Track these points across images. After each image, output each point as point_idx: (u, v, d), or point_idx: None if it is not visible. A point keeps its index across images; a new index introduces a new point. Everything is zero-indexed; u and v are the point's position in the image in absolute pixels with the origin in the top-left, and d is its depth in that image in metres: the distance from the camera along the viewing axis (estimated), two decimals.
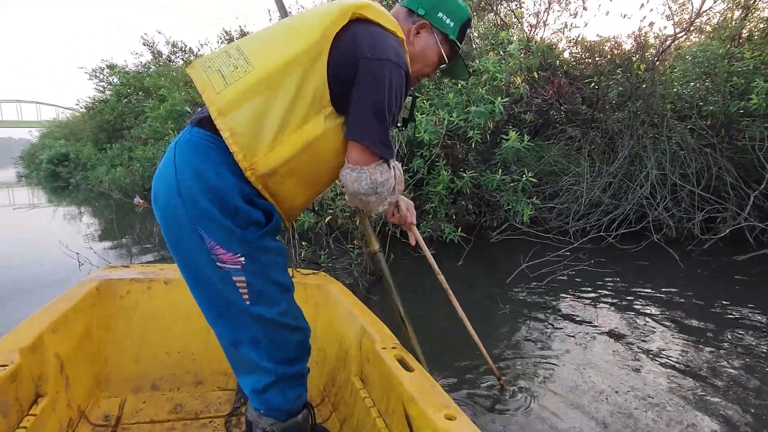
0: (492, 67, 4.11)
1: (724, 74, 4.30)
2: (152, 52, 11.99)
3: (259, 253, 1.05)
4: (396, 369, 1.22)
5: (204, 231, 1.00)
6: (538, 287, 3.21)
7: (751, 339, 2.42)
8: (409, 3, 1.18)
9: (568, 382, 2.07)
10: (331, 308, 1.80)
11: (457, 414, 1.01)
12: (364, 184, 1.07)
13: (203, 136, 1.02)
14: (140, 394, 1.63)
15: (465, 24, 1.20)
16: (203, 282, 1.06)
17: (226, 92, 0.98)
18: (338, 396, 1.60)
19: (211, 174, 0.99)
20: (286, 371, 1.13)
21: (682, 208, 4.18)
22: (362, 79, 1.00)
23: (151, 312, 1.71)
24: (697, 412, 1.84)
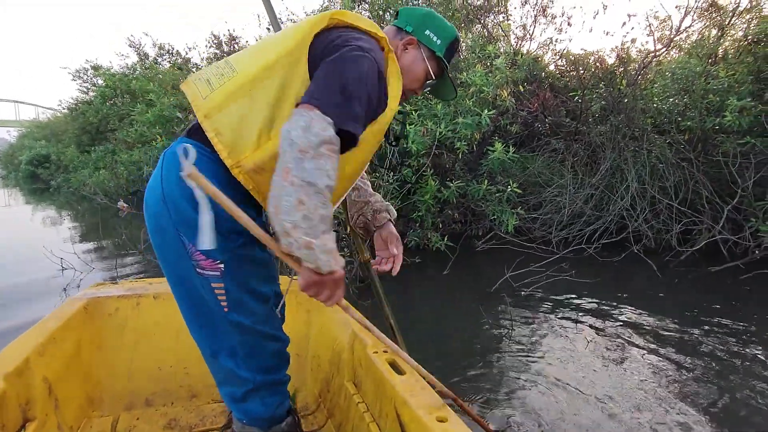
0: (479, 80, 4.22)
1: (701, 91, 4.47)
2: (138, 53, 11.89)
3: (240, 261, 1.06)
4: (387, 373, 1.24)
5: (186, 237, 1.01)
6: (522, 296, 3.28)
7: (724, 345, 2.53)
8: (398, 22, 1.21)
9: (551, 389, 2.13)
10: (324, 314, 1.80)
11: (449, 416, 1.03)
12: (298, 126, 0.86)
13: (192, 146, 1.04)
14: (133, 411, 1.62)
15: (452, 43, 1.21)
16: (185, 288, 1.07)
17: (211, 96, 1.02)
18: (333, 402, 1.61)
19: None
20: (264, 379, 1.14)
21: (661, 220, 4.32)
22: (328, 60, 0.97)
23: (142, 328, 1.70)
24: (676, 416, 1.92)
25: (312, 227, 0.85)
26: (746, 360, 2.40)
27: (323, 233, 0.87)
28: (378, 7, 6.07)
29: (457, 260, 4.00)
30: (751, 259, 3.62)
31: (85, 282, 3.80)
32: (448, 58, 1.22)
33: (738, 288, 3.40)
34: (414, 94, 1.26)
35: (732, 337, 2.65)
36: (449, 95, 1.30)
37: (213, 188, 0.89)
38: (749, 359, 2.41)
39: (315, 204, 0.85)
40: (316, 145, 0.85)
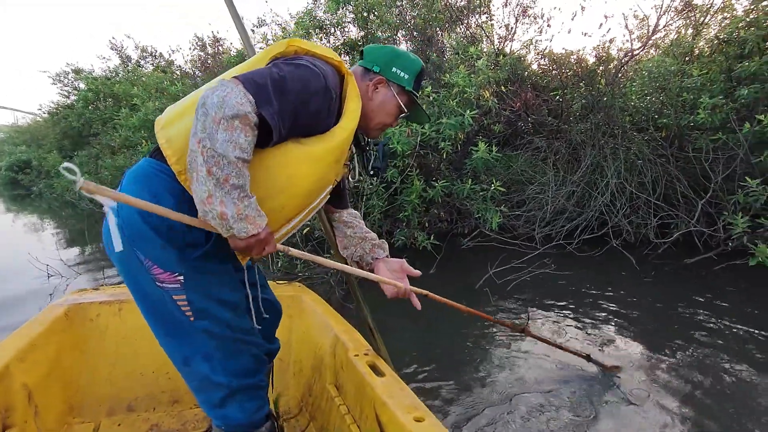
0: (462, 81, 4.30)
1: (676, 89, 4.62)
2: (121, 56, 11.74)
3: (199, 272, 1.07)
4: (368, 375, 1.28)
5: (141, 252, 1.03)
6: (506, 292, 3.37)
7: (700, 334, 2.64)
8: (364, 62, 1.25)
9: (531, 381, 2.21)
10: (305, 319, 1.83)
11: (426, 416, 1.07)
12: (216, 95, 0.87)
13: (150, 164, 1.07)
14: (115, 417, 1.62)
15: (419, 74, 1.27)
16: (148, 302, 1.09)
17: (171, 111, 1.10)
18: (315, 405, 1.63)
19: (146, 197, 1.00)
20: (240, 384, 1.15)
21: (639, 215, 4.45)
22: (269, 64, 1.03)
23: (123, 334, 1.70)
24: (653, 406, 2.01)
25: (225, 195, 0.89)
26: (719, 345, 2.52)
27: (237, 200, 0.91)
28: (362, 8, 6.13)
29: (443, 258, 4.07)
30: (723, 251, 3.76)
31: (71, 288, 3.78)
32: (417, 88, 1.28)
33: (712, 278, 3.54)
34: (390, 126, 1.33)
35: (707, 324, 2.78)
36: (422, 120, 1.38)
37: (115, 193, 0.90)
38: (722, 345, 2.52)
39: (226, 174, 0.88)
40: (229, 117, 0.86)
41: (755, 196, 3.43)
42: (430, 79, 5.27)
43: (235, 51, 8.67)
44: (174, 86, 7.13)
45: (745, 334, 2.65)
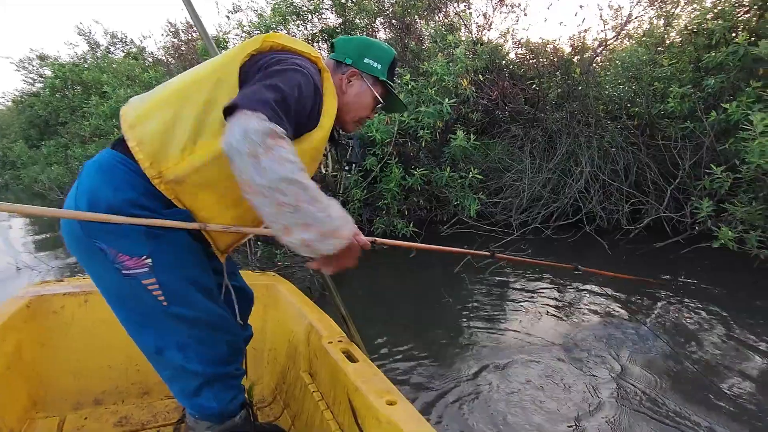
0: (440, 69, 4.31)
1: (648, 79, 4.74)
2: (89, 42, 11.32)
3: (169, 248, 1.03)
4: (341, 361, 1.28)
5: (102, 242, 0.99)
6: (483, 276, 3.44)
7: (666, 313, 2.77)
8: (335, 55, 1.22)
9: (507, 365, 2.28)
10: (279, 308, 1.82)
11: (398, 399, 1.08)
12: (236, 133, 0.82)
13: (112, 156, 1.03)
14: (82, 411, 1.58)
15: (392, 63, 1.25)
16: (115, 294, 1.05)
17: (139, 107, 1.04)
18: (289, 393, 1.63)
19: (107, 189, 0.98)
20: (216, 372, 1.12)
21: (612, 201, 4.58)
22: (261, 73, 0.98)
23: (90, 326, 1.64)
24: (624, 381, 2.10)
25: (305, 215, 0.84)
26: (684, 320, 2.65)
27: (318, 212, 0.85)
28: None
29: None
30: (690, 235, 3.92)
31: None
32: (390, 78, 1.26)
33: (679, 261, 3.69)
34: (368, 119, 1.30)
35: (673, 303, 2.91)
36: (399, 109, 1.35)
37: (54, 211, 0.92)
38: (687, 320, 2.65)
39: (295, 193, 0.82)
40: (261, 142, 0.80)
41: (719, 182, 3.57)
42: (409, 67, 5.27)
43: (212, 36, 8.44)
44: (146, 73, 6.92)
45: (708, 311, 2.79)
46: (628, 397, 1.98)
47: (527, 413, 1.89)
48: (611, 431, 1.78)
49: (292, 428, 1.51)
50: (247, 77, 1.00)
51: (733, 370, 2.19)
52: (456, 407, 1.92)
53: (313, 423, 1.38)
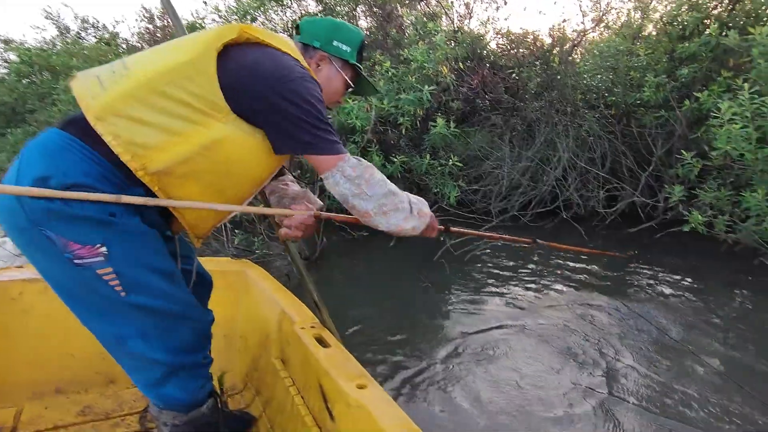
0: (420, 57, 4.29)
1: (625, 68, 4.82)
2: (58, 27, 10.86)
3: (125, 235, 0.98)
4: (313, 347, 1.28)
5: (50, 230, 0.92)
6: (463, 262, 3.47)
7: (638, 293, 2.84)
8: (303, 38, 1.20)
9: (482, 349, 2.31)
10: (251, 294, 1.80)
11: (369, 383, 1.09)
12: (342, 186, 1.08)
13: (61, 137, 0.96)
14: (41, 401, 1.54)
15: (361, 46, 1.24)
16: (67, 285, 0.99)
17: (102, 97, 0.96)
18: (261, 380, 1.62)
19: (56, 173, 0.92)
20: (182, 361, 1.08)
21: (589, 188, 4.66)
22: (283, 101, 1.00)
23: (51, 313, 1.58)
24: (602, 361, 2.15)
25: (405, 209, 1.15)
26: (655, 301, 2.76)
27: (407, 205, 1.16)
28: None
29: None
30: (663, 220, 4.02)
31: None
32: (360, 60, 1.26)
33: (652, 245, 3.80)
34: (338, 104, 1.32)
35: (645, 285, 3.00)
36: (370, 92, 1.37)
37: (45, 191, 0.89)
38: (658, 301, 2.76)
39: (393, 202, 1.13)
40: (360, 182, 1.09)
41: (690, 167, 3.67)
42: (390, 54, 5.22)
43: (186, 23, 8.22)
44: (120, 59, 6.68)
45: (677, 292, 2.88)
46: (607, 377, 2.03)
47: (501, 395, 1.92)
48: (589, 410, 1.83)
49: (263, 415, 1.51)
50: (239, 87, 1.01)
51: (703, 346, 2.27)
52: (428, 390, 1.95)
53: (284, 409, 1.39)
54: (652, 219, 4.15)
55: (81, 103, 0.97)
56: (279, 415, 1.42)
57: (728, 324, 2.49)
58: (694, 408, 1.83)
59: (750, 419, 1.76)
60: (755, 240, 3.15)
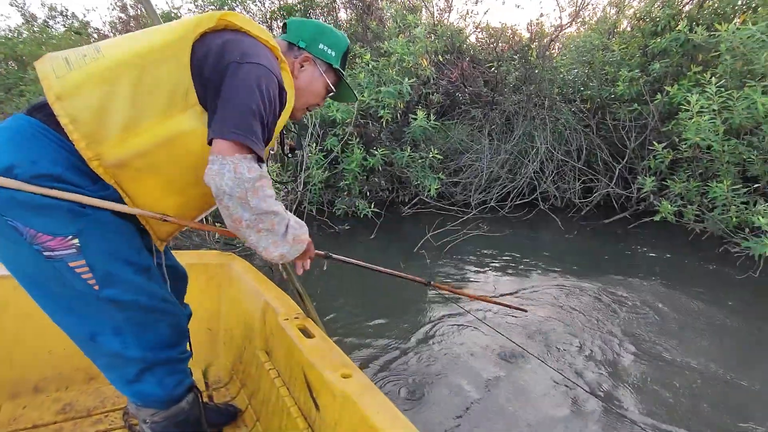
0: (400, 49, 4.29)
1: (600, 63, 4.93)
2: (23, 14, 10.43)
3: (98, 228, 0.94)
4: (297, 338, 1.27)
5: (19, 221, 0.88)
6: (443, 253, 3.52)
7: (612, 280, 2.95)
8: (288, 36, 1.16)
9: (459, 336, 2.36)
10: (235, 287, 1.79)
11: (353, 372, 1.09)
12: (227, 178, 0.91)
13: (29, 123, 0.91)
14: (19, 399, 1.50)
15: (345, 52, 1.22)
16: (35, 278, 0.94)
17: (68, 76, 0.91)
18: (246, 372, 1.62)
19: (24, 162, 0.88)
20: (158, 357, 1.05)
21: (566, 180, 4.78)
22: (229, 81, 0.93)
23: (26, 311, 1.53)
24: (577, 345, 2.22)
25: (280, 233, 1.01)
26: (627, 286, 2.87)
27: (287, 229, 1.03)
28: None
29: (383, 225, 4.15)
30: (636, 210, 4.16)
31: None
32: (343, 66, 1.23)
33: (626, 235, 3.93)
34: (317, 107, 1.25)
35: (618, 272, 3.11)
36: (349, 98, 1.32)
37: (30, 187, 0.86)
38: (630, 286, 2.87)
39: (270, 221, 0.98)
40: (251, 188, 0.92)
41: (661, 158, 3.80)
42: (370, 47, 5.21)
43: (160, 12, 8.01)
44: None
45: (649, 279, 2.99)
46: (579, 363, 2.10)
47: (479, 382, 1.97)
48: (562, 400, 1.89)
49: (249, 407, 1.50)
50: (202, 64, 0.94)
51: (672, 333, 2.37)
52: (410, 378, 1.98)
53: (270, 400, 1.38)
54: (626, 210, 4.29)
55: (43, 83, 0.91)
56: (264, 407, 1.42)
57: (693, 313, 2.60)
58: (661, 399, 1.92)
59: (724, 402, 1.86)
60: (720, 229, 3.30)
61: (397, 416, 0.96)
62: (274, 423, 1.34)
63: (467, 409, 1.80)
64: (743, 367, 2.06)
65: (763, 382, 1.96)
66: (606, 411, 1.79)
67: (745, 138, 3.24)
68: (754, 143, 3.18)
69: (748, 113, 3.04)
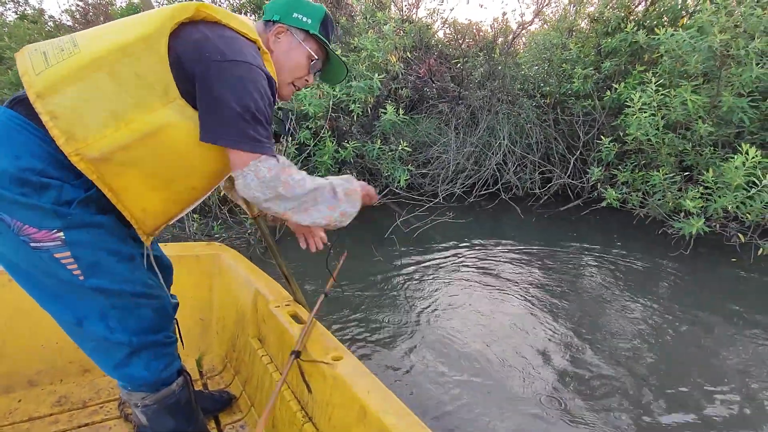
0: (370, 45, 4.46)
1: (558, 61, 5.25)
2: None
3: (82, 225, 0.95)
4: (289, 324, 1.31)
5: (5, 213, 0.90)
6: (413, 239, 3.77)
7: (564, 259, 3.26)
8: (264, 16, 1.16)
9: (432, 315, 2.59)
10: (225, 276, 1.81)
11: (344, 354, 1.12)
12: (254, 187, 0.99)
13: (10, 117, 0.93)
14: (14, 394, 1.51)
15: (324, 19, 1.17)
16: (23, 268, 0.96)
17: (46, 73, 0.91)
18: (239, 360, 1.65)
19: (5, 156, 0.90)
20: (143, 341, 1.06)
21: (526, 172, 5.10)
22: (218, 83, 0.94)
23: (18, 305, 1.55)
24: (536, 329, 2.49)
25: (328, 197, 1.09)
26: (576, 265, 3.17)
27: (333, 198, 1.10)
28: None
29: None
30: (588, 198, 4.52)
31: None
32: (325, 34, 1.18)
33: (578, 220, 4.28)
34: (306, 83, 1.21)
35: (572, 253, 3.43)
36: (340, 74, 1.26)
37: None
38: (579, 266, 3.17)
39: (314, 197, 1.07)
40: (279, 184, 1.01)
41: (607, 151, 4.15)
42: (340, 42, 5.35)
43: (123, 2, 7.84)
44: None
45: (597, 256, 3.32)
46: (543, 344, 2.37)
47: (468, 362, 2.15)
48: (546, 385, 2.14)
49: (243, 393, 1.54)
50: (182, 59, 0.94)
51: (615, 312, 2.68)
52: (404, 360, 2.14)
53: (263, 385, 1.42)
54: (580, 198, 4.64)
55: (23, 79, 0.92)
56: (258, 392, 1.45)
57: (634, 282, 2.94)
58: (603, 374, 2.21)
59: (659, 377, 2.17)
60: (660, 213, 3.66)
61: (389, 396, 0.98)
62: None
63: (451, 388, 1.94)
64: (674, 324, 2.40)
65: (689, 335, 2.29)
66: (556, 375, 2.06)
67: (680, 132, 3.60)
68: (687, 136, 3.55)
69: (683, 110, 3.39)
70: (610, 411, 1.81)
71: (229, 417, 1.48)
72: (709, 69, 3.45)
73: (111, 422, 1.44)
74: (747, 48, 3.08)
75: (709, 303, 2.67)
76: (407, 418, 0.91)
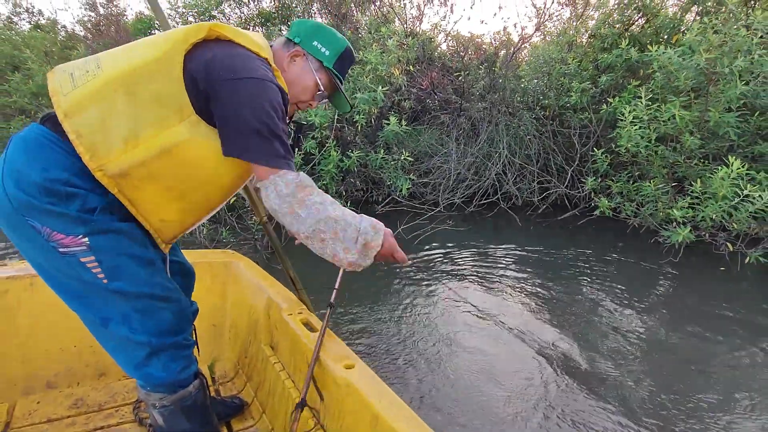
0: (374, 59, 4.64)
1: (557, 75, 5.41)
2: None
3: (105, 232, 1.02)
4: (301, 332, 1.33)
5: (35, 220, 0.97)
6: (414, 246, 3.89)
7: (562, 267, 3.38)
8: (289, 33, 1.20)
9: (434, 321, 2.71)
10: (239, 283, 1.84)
11: (356, 362, 1.13)
12: (272, 199, 1.02)
13: (41, 132, 1.00)
14: (33, 396, 1.55)
15: (343, 55, 1.21)
16: (52, 271, 1.03)
17: (72, 94, 0.99)
18: (251, 366, 1.67)
19: (36, 168, 0.96)
20: (162, 342, 1.10)
21: (525, 182, 5.24)
22: (231, 100, 0.98)
23: (38, 309, 1.59)
24: (533, 332, 2.62)
25: (348, 239, 1.03)
26: (573, 271, 3.31)
27: (351, 234, 1.03)
28: None
29: None
30: (584, 208, 4.66)
31: None
32: (340, 70, 1.21)
33: (575, 229, 4.41)
34: (309, 107, 1.24)
35: (567, 260, 3.55)
36: (343, 107, 1.31)
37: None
38: (576, 272, 3.29)
39: (333, 229, 1.02)
40: (295, 201, 1.00)
41: (601, 162, 4.30)
42: None
43: (132, 14, 8.07)
44: (75, 52, 6.52)
45: (591, 266, 3.44)
46: (547, 348, 2.49)
47: (475, 370, 2.21)
48: (552, 383, 2.21)
49: (255, 399, 1.57)
50: (198, 77, 0.98)
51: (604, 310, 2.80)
52: (412, 367, 2.20)
53: (275, 392, 1.44)
54: (575, 207, 4.78)
55: (53, 99, 1.00)
56: (270, 399, 1.47)
57: (627, 286, 3.06)
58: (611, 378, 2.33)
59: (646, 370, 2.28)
60: (651, 223, 3.79)
61: (400, 404, 0.99)
62: (280, 414, 1.38)
63: (465, 400, 1.97)
64: (666, 328, 2.52)
65: (679, 338, 2.41)
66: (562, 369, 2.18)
67: (671, 145, 3.74)
68: (678, 149, 3.69)
69: (673, 124, 3.53)
70: (608, 413, 1.92)
71: (241, 423, 1.50)
72: (699, 85, 3.59)
73: (126, 425, 1.47)
74: (731, 66, 3.23)
75: (698, 308, 2.79)
76: (418, 427, 0.93)
